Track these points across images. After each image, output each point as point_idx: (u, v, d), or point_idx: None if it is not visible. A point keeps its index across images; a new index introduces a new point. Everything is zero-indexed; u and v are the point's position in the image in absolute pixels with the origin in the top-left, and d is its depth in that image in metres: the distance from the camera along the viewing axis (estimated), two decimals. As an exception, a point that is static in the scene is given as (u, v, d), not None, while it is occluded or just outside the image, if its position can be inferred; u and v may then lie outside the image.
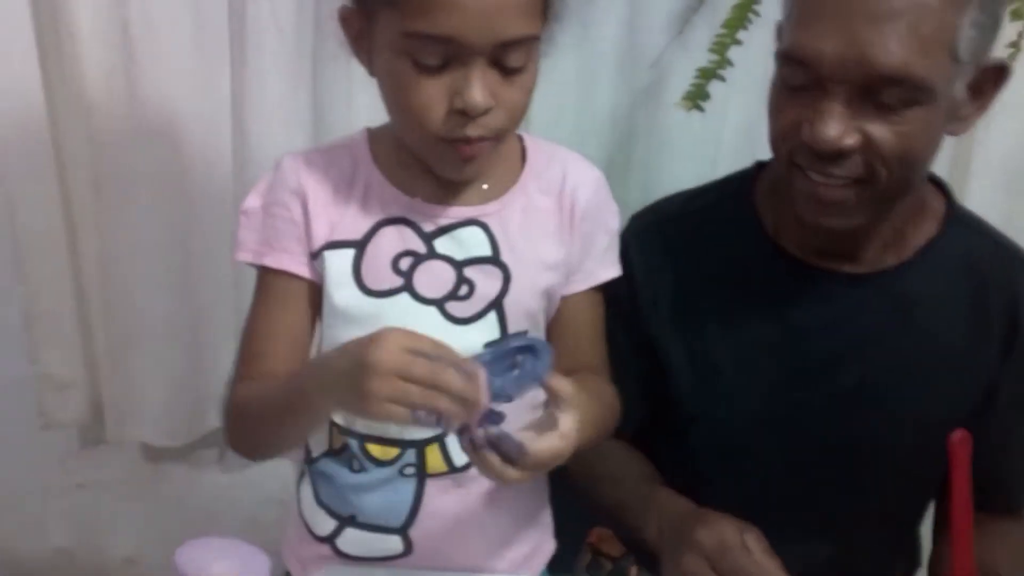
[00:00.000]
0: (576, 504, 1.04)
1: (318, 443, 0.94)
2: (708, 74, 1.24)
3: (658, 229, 1.04)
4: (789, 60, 0.86)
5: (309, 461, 0.95)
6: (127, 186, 1.35)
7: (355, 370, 0.69)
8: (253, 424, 0.87)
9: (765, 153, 1.35)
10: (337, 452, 0.92)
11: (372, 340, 0.69)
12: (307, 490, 0.95)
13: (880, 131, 0.83)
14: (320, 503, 0.94)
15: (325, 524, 0.94)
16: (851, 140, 0.83)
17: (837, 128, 0.83)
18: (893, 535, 1.07)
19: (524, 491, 0.95)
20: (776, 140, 0.91)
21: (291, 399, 0.80)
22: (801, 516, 0.99)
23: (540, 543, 1.00)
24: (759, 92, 0.92)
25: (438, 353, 0.70)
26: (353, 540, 0.93)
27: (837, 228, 0.91)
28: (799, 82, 0.85)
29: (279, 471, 1.38)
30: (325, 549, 0.94)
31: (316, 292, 0.89)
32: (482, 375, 0.70)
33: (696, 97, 1.25)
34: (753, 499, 0.90)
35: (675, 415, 1.03)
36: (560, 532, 1.02)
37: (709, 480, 1.00)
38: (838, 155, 0.84)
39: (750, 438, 1.00)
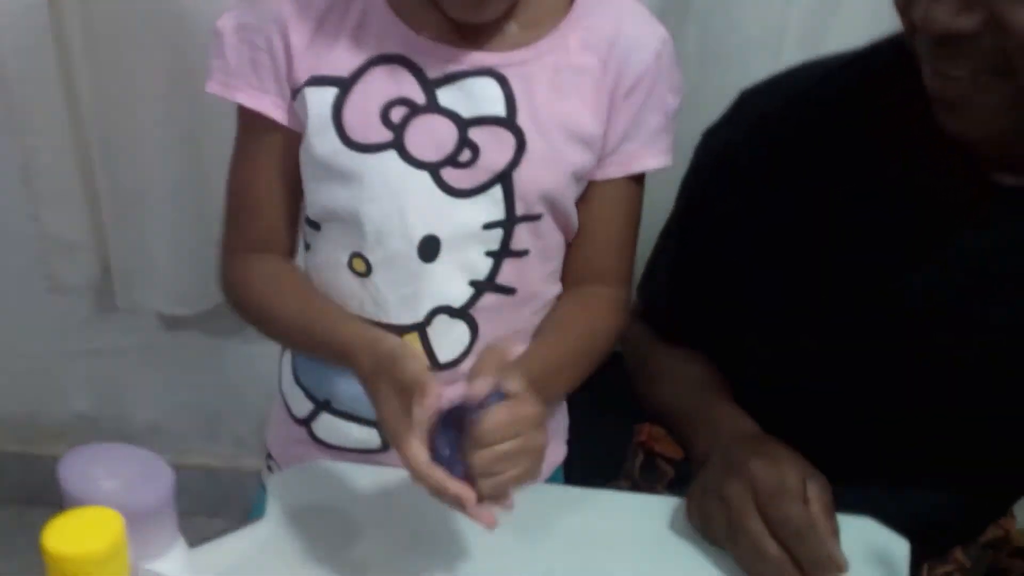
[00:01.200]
0: (623, 400, 0.91)
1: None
2: None
3: (779, 114, 0.80)
4: None
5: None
6: (123, 29, 1.22)
7: None
8: (255, 317, 0.81)
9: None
10: (313, 328, 0.83)
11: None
12: (287, 366, 0.87)
13: (1015, 9, 0.59)
14: (298, 382, 0.85)
15: (302, 405, 0.85)
16: (968, 22, 0.61)
17: (948, 4, 0.60)
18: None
19: None
20: (898, 13, 0.67)
21: (323, 337, 0.74)
22: (873, 471, 0.80)
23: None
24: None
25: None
26: (328, 427, 0.83)
27: (972, 139, 0.68)
28: None
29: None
30: (302, 433, 0.85)
31: (298, 143, 0.76)
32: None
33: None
34: (816, 438, 0.72)
35: (743, 338, 0.85)
36: (603, 432, 0.91)
37: (764, 406, 0.81)
38: (954, 41, 0.62)
39: (846, 377, 0.79)
